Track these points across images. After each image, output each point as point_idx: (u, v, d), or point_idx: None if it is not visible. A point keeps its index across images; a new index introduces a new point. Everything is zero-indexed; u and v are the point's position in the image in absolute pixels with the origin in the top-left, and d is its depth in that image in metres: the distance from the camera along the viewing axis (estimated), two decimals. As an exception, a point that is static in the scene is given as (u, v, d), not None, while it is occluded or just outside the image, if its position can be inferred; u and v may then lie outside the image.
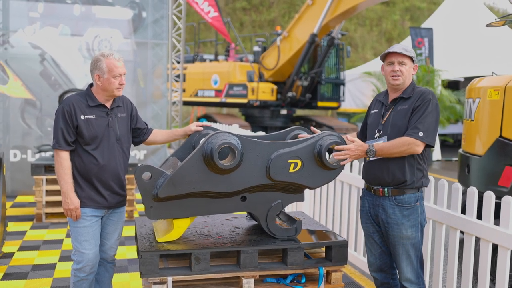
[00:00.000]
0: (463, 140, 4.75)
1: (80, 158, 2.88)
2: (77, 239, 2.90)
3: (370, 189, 2.86)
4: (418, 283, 2.80)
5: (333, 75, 13.93)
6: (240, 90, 13.11)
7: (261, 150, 2.58)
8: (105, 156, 2.89)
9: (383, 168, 2.73)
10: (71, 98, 2.90)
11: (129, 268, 4.33)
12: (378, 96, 2.98)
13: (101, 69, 2.86)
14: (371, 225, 2.89)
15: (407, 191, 2.72)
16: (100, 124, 2.88)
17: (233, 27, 14.05)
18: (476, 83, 4.57)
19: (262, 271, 2.63)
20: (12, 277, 4.02)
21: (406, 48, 2.76)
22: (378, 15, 30.50)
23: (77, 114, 2.83)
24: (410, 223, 2.73)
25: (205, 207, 2.63)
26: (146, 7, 7.95)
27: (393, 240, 2.76)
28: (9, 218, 5.76)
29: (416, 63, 2.81)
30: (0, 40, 7.17)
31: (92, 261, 2.91)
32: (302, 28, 12.24)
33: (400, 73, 2.73)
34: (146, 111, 8.19)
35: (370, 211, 2.87)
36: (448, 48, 13.15)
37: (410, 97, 2.75)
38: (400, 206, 2.72)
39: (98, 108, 2.90)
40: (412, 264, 2.77)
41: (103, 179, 2.90)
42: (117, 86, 2.89)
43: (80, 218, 2.88)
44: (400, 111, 2.74)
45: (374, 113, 2.91)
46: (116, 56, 2.93)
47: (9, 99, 7.25)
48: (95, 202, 2.90)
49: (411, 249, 2.75)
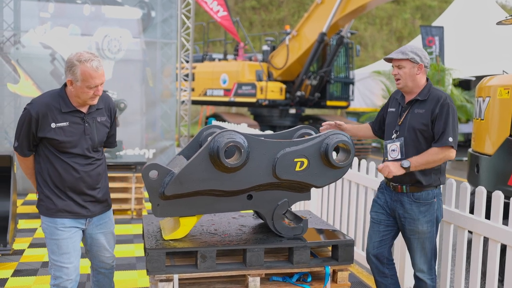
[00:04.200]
0: (473, 139, 4.71)
1: (52, 166, 2.59)
2: (55, 252, 2.63)
3: (389, 184, 2.96)
4: (430, 274, 2.92)
5: (342, 74, 13.89)
6: (249, 89, 13.12)
7: (267, 149, 2.58)
8: (83, 166, 2.62)
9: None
10: (41, 102, 2.54)
11: (137, 265, 4.36)
12: (395, 94, 3.05)
13: (74, 75, 2.50)
14: (381, 214, 3.01)
15: (425, 188, 2.83)
16: (75, 131, 2.58)
17: (242, 26, 14.06)
18: (486, 81, 4.53)
19: (268, 270, 2.63)
20: (22, 274, 4.07)
21: (404, 51, 2.82)
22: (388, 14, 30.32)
23: (46, 122, 2.52)
24: (426, 218, 2.84)
25: (211, 205, 2.64)
26: (155, 6, 7.99)
27: (409, 234, 2.89)
28: (20, 216, 5.83)
29: (420, 62, 2.82)
30: (11, 40, 7.26)
31: (72, 275, 2.65)
32: (311, 27, 12.21)
33: (399, 76, 2.84)
34: (155, 110, 8.24)
35: (388, 204, 2.97)
36: (459, 46, 13.04)
37: (426, 99, 2.82)
38: (418, 202, 2.83)
39: (73, 114, 2.58)
40: (426, 256, 2.89)
41: (82, 189, 2.64)
42: (91, 96, 2.56)
43: (58, 230, 2.61)
44: (417, 114, 2.82)
45: (391, 111, 2.99)
46: (94, 64, 2.50)
47: (20, 98, 7.33)
48: (73, 213, 2.65)
49: (426, 242, 2.87)
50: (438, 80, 11.57)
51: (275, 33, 17.16)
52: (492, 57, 12.49)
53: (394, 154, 2.88)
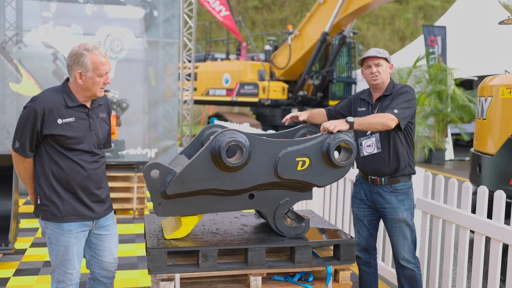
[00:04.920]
0: (475, 139, 4.70)
1: (57, 165, 2.51)
2: (58, 257, 2.57)
3: (367, 178, 3.12)
4: (415, 263, 3.08)
5: (344, 74, 13.88)
6: (251, 89, 13.12)
7: (269, 148, 2.58)
8: (90, 163, 2.57)
9: (380, 160, 3.02)
10: (45, 97, 2.48)
11: (139, 265, 4.36)
12: (361, 95, 3.21)
13: (84, 65, 2.46)
14: (363, 210, 3.18)
15: (402, 179, 3.03)
16: (81, 127, 2.52)
17: (244, 26, 14.05)
18: (488, 81, 4.52)
19: (270, 269, 2.62)
20: (24, 273, 4.08)
21: (378, 51, 3.06)
22: (390, 14, 30.27)
23: (52, 119, 2.45)
24: (405, 207, 3.04)
25: (213, 204, 2.64)
26: (158, 6, 8.00)
27: (391, 223, 3.07)
28: (21, 215, 5.83)
29: (391, 63, 3.09)
30: (13, 39, 7.27)
31: (75, 280, 2.62)
32: (313, 26, 12.20)
33: (378, 73, 3.02)
34: (158, 110, 8.24)
35: (367, 197, 3.14)
36: (462, 46, 13.00)
37: (392, 93, 3.04)
38: (396, 192, 3.04)
39: (78, 109, 2.53)
40: (408, 245, 3.06)
41: (89, 188, 2.57)
42: (101, 86, 2.53)
43: (64, 236, 2.55)
44: (385, 107, 3.00)
45: (362, 111, 3.13)
46: (102, 51, 2.51)
47: (22, 97, 7.34)
48: (80, 215, 2.57)
49: (407, 231, 3.05)
50: (441, 79, 11.53)
51: (277, 32, 17.15)
52: (494, 57, 12.44)
53: (370, 149, 3.05)
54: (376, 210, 3.14)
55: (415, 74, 11.66)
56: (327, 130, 2.68)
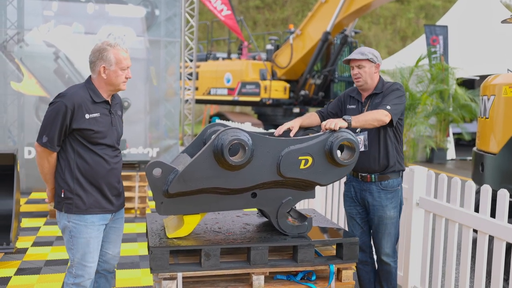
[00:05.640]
0: (478, 138, 4.69)
1: (82, 159, 2.61)
2: (80, 251, 2.65)
3: (357, 176, 3.15)
4: (394, 257, 3.17)
5: (346, 73, 13.85)
6: (252, 88, 13.11)
7: (271, 147, 2.56)
8: (112, 158, 2.69)
9: (370, 157, 3.05)
10: (73, 93, 2.59)
11: (140, 264, 4.35)
12: (350, 92, 3.22)
13: (108, 60, 2.59)
14: (354, 208, 3.20)
15: (391, 176, 3.07)
16: (104, 122, 2.64)
17: (246, 25, 14.05)
18: (491, 80, 4.50)
19: (272, 268, 2.62)
20: (25, 272, 4.07)
21: (363, 52, 3.06)
22: (392, 13, 30.25)
23: (80, 113, 2.56)
24: (392, 204, 3.09)
25: (215, 203, 2.63)
26: (159, 5, 7.99)
27: (377, 220, 3.11)
28: (23, 214, 5.83)
29: (378, 62, 3.06)
30: (15, 38, 7.27)
31: (92, 274, 2.71)
32: (315, 26, 12.19)
33: (359, 75, 3.05)
34: (159, 109, 8.23)
35: (356, 195, 3.17)
36: (463, 46, 12.97)
37: (382, 91, 3.07)
38: (385, 190, 3.07)
39: (102, 105, 2.65)
40: (391, 241, 3.13)
41: (111, 181, 2.69)
42: (123, 80, 2.65)
43: (88, 228, 2.64)
44: (375, 104, 3.03)
45: (352, 108, 3.15)
46: (124, 46, 2.67)
47: (23, 96, 7.34)
48: (102, 208, 2.67)
49: (392, 228, 3.11)
50: (442, 79, 11.50)
51: (279, 32, 17.14)
52: (496, 56, 12.42)
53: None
54: (364, 207, 3.18)
55: (417, 73, 11.63)
56: (329, 128, 2.67)
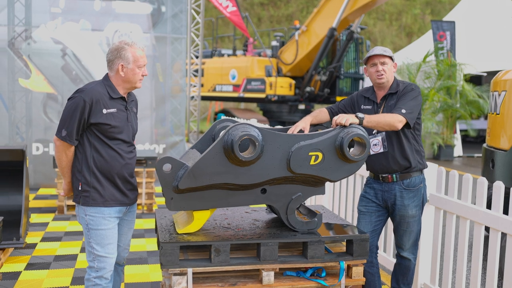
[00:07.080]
0: (488, 134, 4.65)
1: (99, 153, 2.68)
2: (99, 243, 2.70)
3: (377, 177, 3.11)
4: (414, 253, 3.17)
5: (352, 70, 13.80)
6: (258, 85, 13.08)
7: (281, 142, 2.55)
8: (127, 153, 2.75)
9: (389, 158, 3.01)
10: (91, 89, 2.66)
11: (148, 260, 4.36)
12: (364, 93, 3.17)
13: (126, 58, 2.67)
14: (371, 207, 3.14)
15: (413, 174, 3.03)
16: (121, 118, 2.71)
17: (251, 22, 14.01)
18: (501, 75, 4.46)
19: (282, 264, 2.61)
20: (35, 267, 4.09)
21: (384, 49, 3.05)
22: (398, 9, 30.08)
23: (98, 108, 2.63)
24: (415, 203, 3.05)
25: (225, 199, 2.62)
26: (165, 1, 7.97)
27: (399, 219, 3.08)
28: (32, 210, 5.86)
29: (395, 62, 3.08)
30: (22, 35, 7.28)
31: (113, 266, 2.77)
32: (321, 22, 12.14)
33: (383, 72, 3.00)
34: (165, 106, 8.23)
35: (377, 196, 3.12)
36: (470, 41, 12.88)
37: (397, 92, 3.03)
38: (408, 190, 3.03)
39: (119, 101, 2.72)
40: (413, 238, 3.11)
41: (126, 176, 2.75)
42: (140, 78, 2.74)
43: (105, 220, 2.71)
44: (391, 106, 3.00)
45: (367, 109, 3.10)
46: (140, 45, 2.75)
47: (31, 93, 7.36)
48: (118, 201, 2.74)
49: (414, 225, 3.08)
50: (449, 75, 11.43)
51: (284, 28, 17.09)
52: (504, 53, 12.32)
53: (377, 148, 3.02)
54: (385, 208, 3.12)
55: (424, 69, 11.56)
56: (340, 124, 2.66)
